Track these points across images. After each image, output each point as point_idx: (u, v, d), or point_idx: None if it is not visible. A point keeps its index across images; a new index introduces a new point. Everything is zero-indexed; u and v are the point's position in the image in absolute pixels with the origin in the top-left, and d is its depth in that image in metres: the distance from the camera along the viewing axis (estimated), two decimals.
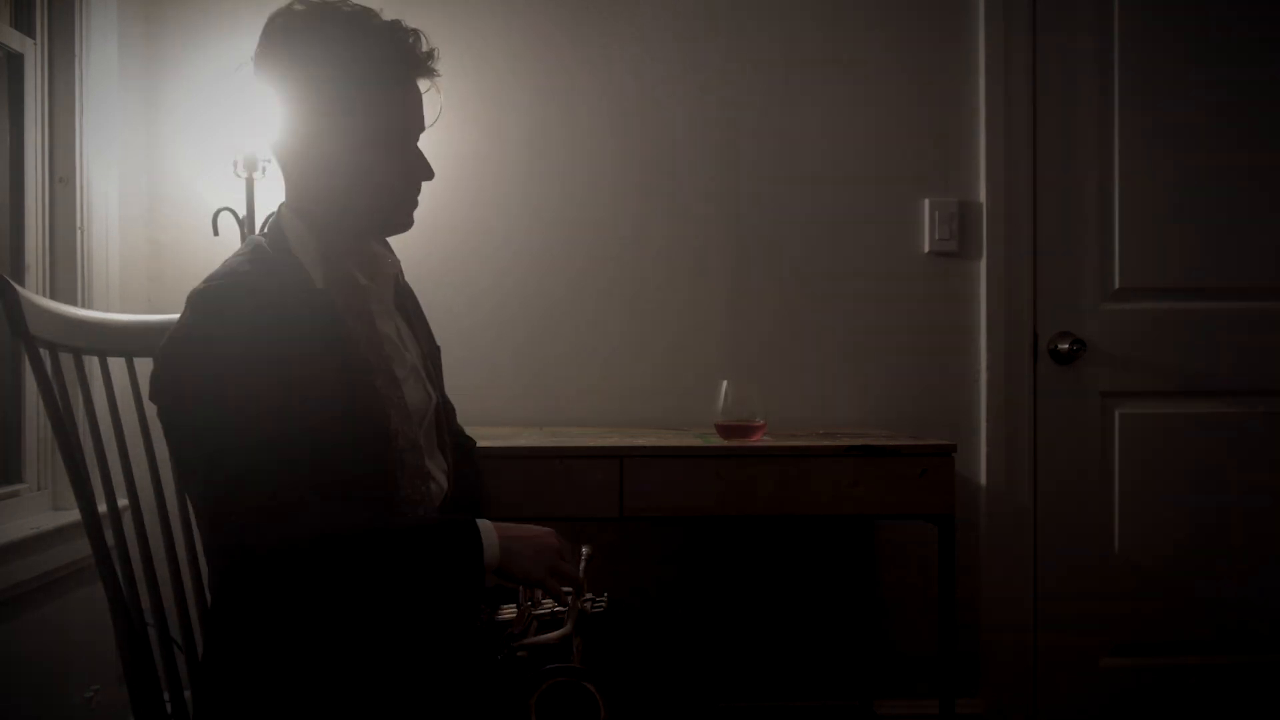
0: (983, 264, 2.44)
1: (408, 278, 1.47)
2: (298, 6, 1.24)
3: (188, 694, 1.37)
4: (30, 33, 1.98)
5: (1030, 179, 2.43)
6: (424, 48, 1.26)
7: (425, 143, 1.33)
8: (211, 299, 1.17)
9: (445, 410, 1.47)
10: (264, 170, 2.19)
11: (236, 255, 1.28)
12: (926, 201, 2.44)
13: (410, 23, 2.25)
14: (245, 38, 2.27)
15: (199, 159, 2.33)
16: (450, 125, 1.42)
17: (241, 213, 2.19)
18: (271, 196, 2.25)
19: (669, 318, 2.42)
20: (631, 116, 2.41)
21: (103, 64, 2.10)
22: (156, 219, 2.34)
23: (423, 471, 1.29)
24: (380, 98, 1.23)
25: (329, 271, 1.26)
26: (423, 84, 1.29)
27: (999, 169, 2.42)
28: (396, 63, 1.24)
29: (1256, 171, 2.46)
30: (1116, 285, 2.46)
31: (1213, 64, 2.45)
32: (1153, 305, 2.46)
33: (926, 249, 2.44)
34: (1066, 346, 2.41)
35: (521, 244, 2.40)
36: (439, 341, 1.51)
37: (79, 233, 2.03)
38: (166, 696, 1.32)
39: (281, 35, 1.23)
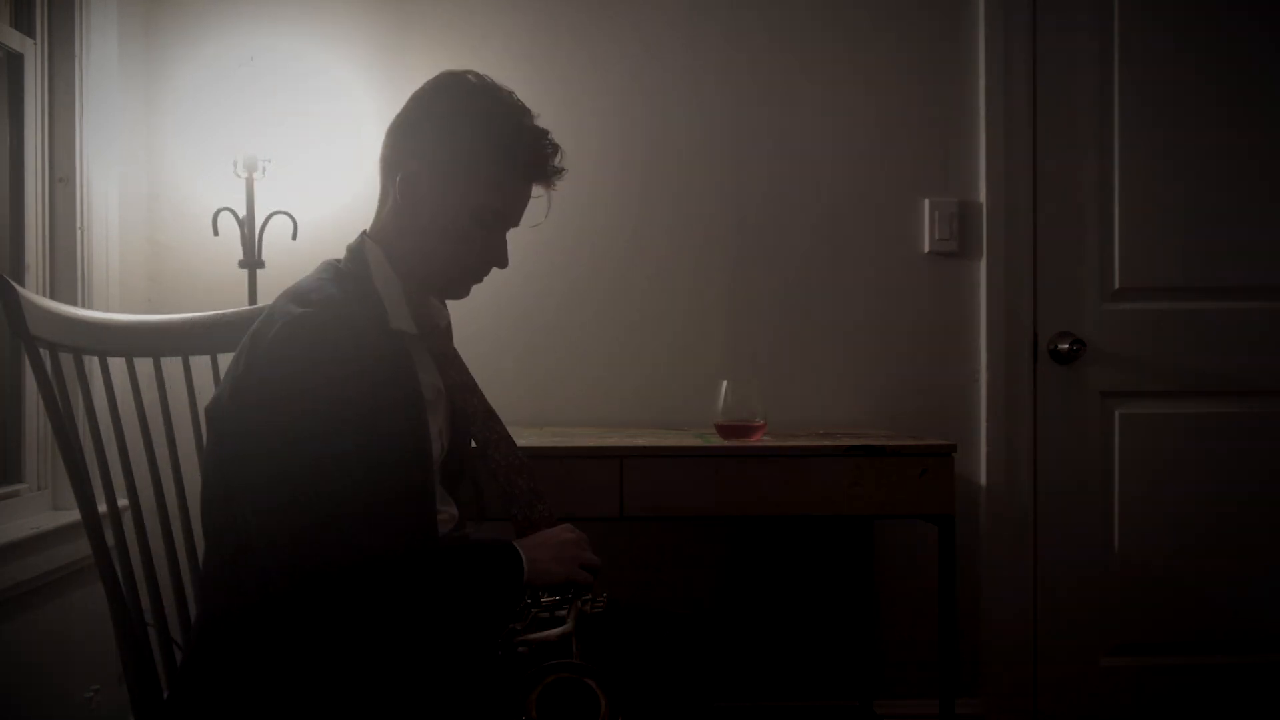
0: (983, 264, 2.44)
1: None
2: (471, 78, 1.33)
3: None
4: (30, 33, 1.98)
5: (1030, 179, 2.43)
6: (559, 162, 1.36)
7: None
8: (313, 328, 1.18)
9: (463, 448, 1.49)
10: (264, 170, 2.19)
11: (322, 277, 1.30)
12: (926, 201, 2.44)
13: (410, 22, 2.25)
14: (245, 38, 2.31)
15: (199, 159, 2.33)
16: None
17: (241, 213, 2.19)
18: (271, 196, 2.26)
19: (669, 318, 2.42)
20: (632, 116, 2.41)
21: (103, 64, 2.10)
22: (156, 219, 2.34)
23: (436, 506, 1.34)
24: (503, 186, 1.32)
25: (414, 311, 1.34)
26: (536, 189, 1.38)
27: (999, 169, 2.42)
28: (531, 165, 1.33)
29: (1257, 171, 2.46)
30: (1116, 285, 2.46)
31: (1213, 63, 2.45)
32: (1153, 305, 2.46)
33: (926, 249, 2.44)
34: (1066, 346, 2.42)
35: (523, 244, 2.39)
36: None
37: (79, 233, 2.03)
38: (166, 696, 1.32)
39: (451, 91, 1.33)
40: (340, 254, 1.36)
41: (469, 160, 1.30)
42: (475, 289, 1.43)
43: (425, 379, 1.34)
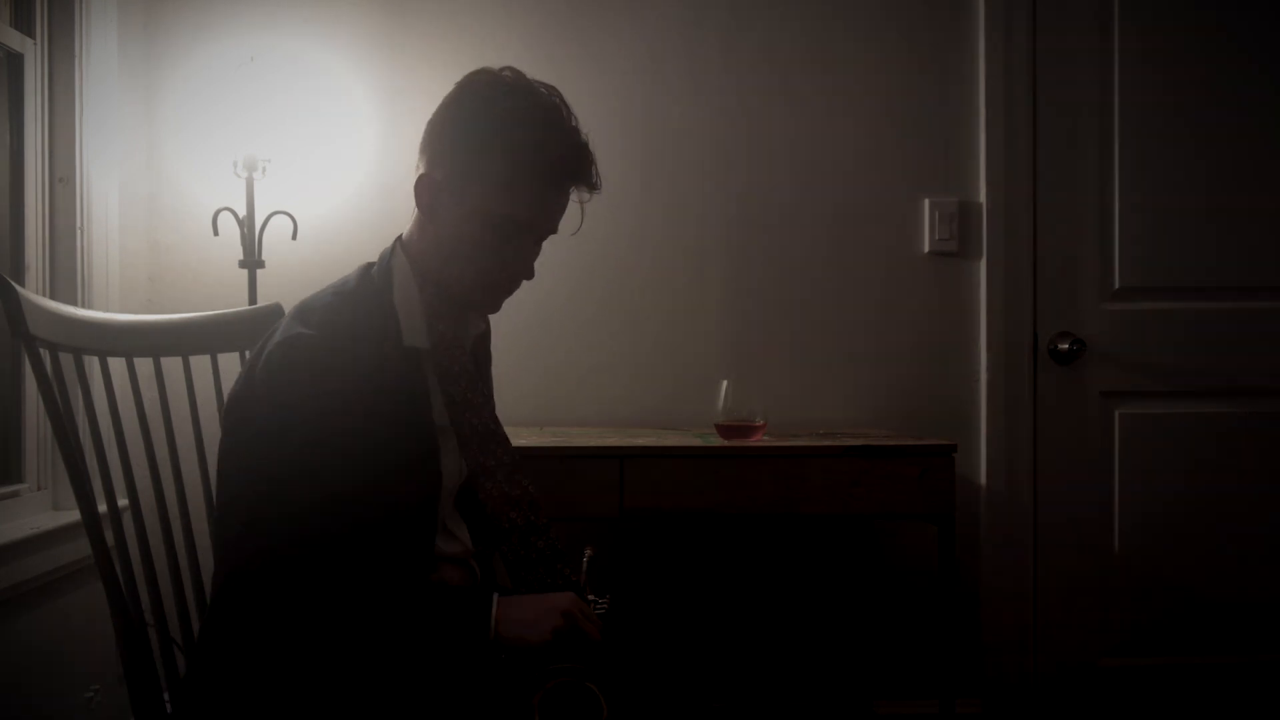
0: (983, 264, 2.44)
1: None
2: (506, 74, 1.26)
3: None
4: (30, 33, 1.98)
5: (1030, 179, 2.43)
6: (590, 162, 1.28)
7: None
8: (304, 353, 1.16)
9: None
10: (264, 170, 2.19)
11: (337, 291, 1.26)
12: (926, 201, 2.44)
13: (411, 23, 2.23)
14: (245, 37, 2.31)
15: (199, 159, 2.33)
16: None
17: (241, 213, 2.19)
18: (271, 196, 2.26)
19: (669, 318, 2.42)
20: (631, 116, 2.41)
21: (103, 64, 2.10)
22: (156, 219, 2.34)
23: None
24: (522, 192, 1.23)
25: (431, 326, 1.27)
26: (581, 194, 1.31)
27: (999, 169, 2.42)
28: (554, 169, 1.25)
29: (1257, 171, 2.46)
30: (1116, 285, 2.46)
31: (1213, 63, 2.45)
32: (1153, 305, 2.46)
33: (926, 249, 2.44)
34: (1066, 346, 2.42)
35: None
36: None
37: (79, 233, 2.03)
38: (166, 697, 1.32)
39: (474, 92, 1.25)
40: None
41: (485, 165, 1.22)
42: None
43: (439, 400, 1.30)
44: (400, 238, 1.31)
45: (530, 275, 1.30)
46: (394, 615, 1.12)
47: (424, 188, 1.26)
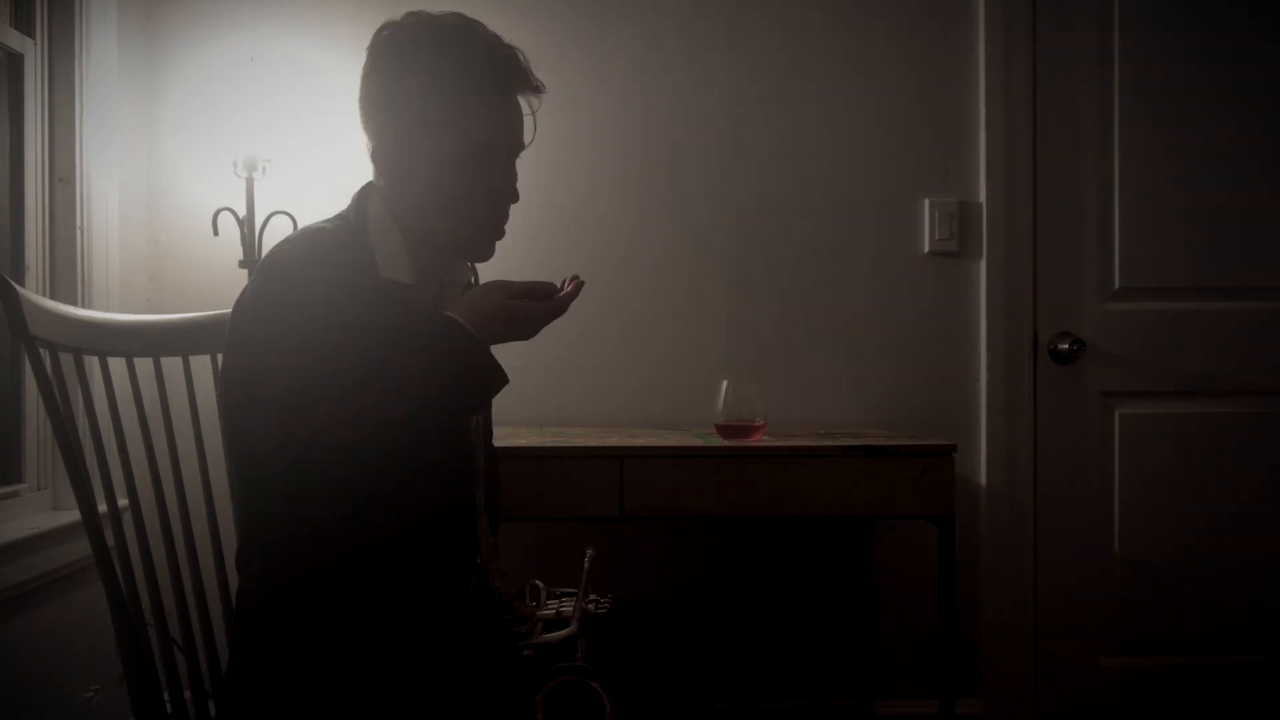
0: (983, 264, 2.44)
1: None
2: (407, 19, 1.25)
3: (187, 694, 1.37)
4: (30, 33, 1.98)
5: (1030, 179, 2.43)
6: (522, 62, 1.25)
7: None
8: (284, 261, 1.19)
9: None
10: (264, 170, 2.19)
11: (307, 230, 1.27)
12: (926, 201, 2.44)
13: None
14: (245, 37, 2.31)
15: (199, 159, 2.33)
16: None
17: (241, 213, 2.19)
18: (272, 196, 2.25)
19: (669, 317, 2.42)
20: (632, 116, 2.41)
21: (103, 64, 2.10)
22: (156, 219, 2.34)
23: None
24: (475, 116, 1.22)
25: (416, 263, 1.27)
26: (531, 101, 1.29)
27: (999, 169, 2.42)
28: (492, 79, 1.23)
29: (1257, 171, 2.46)
30: (1116, 285, 2.46)
31: (1213, 63, 2.45)
32: (1153, 305, 2.46)
33: (926, 249, 2.44)
34: (1066, 346, 2.42)
35: (522, 244, 2.39)
36: None
37: (79, 233, 2.03)
38: (166, 696, 1.32)
39: (385, 48, 1.24)
40: None
41: (424, 110, 1.21)
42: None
43: None
44: (371, 188, 1.30)
45: (515, 197, 1.29)
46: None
47: (379, 157, 1.26)
